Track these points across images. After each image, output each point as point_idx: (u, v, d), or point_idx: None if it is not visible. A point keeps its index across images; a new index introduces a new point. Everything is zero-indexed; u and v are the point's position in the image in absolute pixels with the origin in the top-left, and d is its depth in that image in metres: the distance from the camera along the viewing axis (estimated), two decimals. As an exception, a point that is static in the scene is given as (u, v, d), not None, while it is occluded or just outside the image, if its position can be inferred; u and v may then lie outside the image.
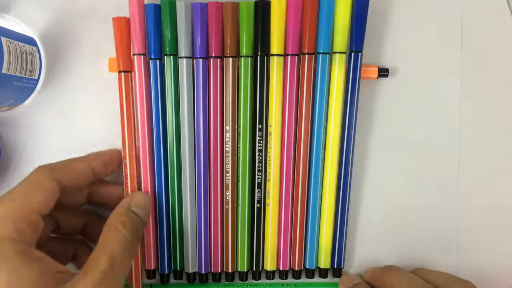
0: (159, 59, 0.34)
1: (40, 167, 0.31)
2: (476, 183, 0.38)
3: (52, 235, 0.34)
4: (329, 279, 0.38)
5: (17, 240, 0.27)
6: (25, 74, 0.33)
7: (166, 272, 0.37)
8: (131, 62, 0.35)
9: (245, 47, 0.34)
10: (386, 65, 0.37)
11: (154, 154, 0.35)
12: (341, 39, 0.34)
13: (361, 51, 0.35)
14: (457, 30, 0.37)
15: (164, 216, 0.36)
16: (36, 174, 0.30)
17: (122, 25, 0.34)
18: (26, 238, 0.28)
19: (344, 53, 0.34)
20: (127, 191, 0.35)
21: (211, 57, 0.34)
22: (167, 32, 0.34)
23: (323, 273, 0.37)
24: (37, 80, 0.36)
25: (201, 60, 0.34)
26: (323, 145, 0.35)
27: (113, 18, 0.34)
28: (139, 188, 0.36)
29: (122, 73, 0.35)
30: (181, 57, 0.34)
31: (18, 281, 0.26)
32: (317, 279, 0.38)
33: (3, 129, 0.37)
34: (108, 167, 0.35)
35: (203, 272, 0.37)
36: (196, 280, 0.37)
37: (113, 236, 0.30)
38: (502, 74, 0.38)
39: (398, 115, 0.38)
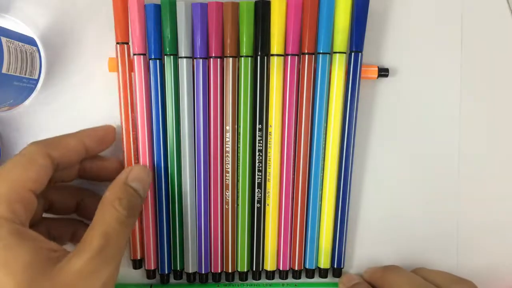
0: (159, 59, 0.34)
1: (33, 143, 0.30)
2: (476, 183, 0.38)
3: (45, 215, 0.34)
4: (329, 279, 0.38)
5: (11, 220, 0.27)
6: (25, 74, 0.33)
7: (166, 272, 0.37)
8: (127, 34, 0.34)
9: (245, 47, 0.34)
10: (386, 65, 0.37)
11: (154, 153, 0.35)
12: (341, 39, 0.34)
13: (361, 51, 0.35)
14: (457, 30, 0.37)
15: (164, 216, 0.36)
16: (29, 151, 0.30)
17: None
18: (20, 217, 0.28)
19: (344, 53, 0.34)
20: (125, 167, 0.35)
21: (211, 57, 0.34)
22: (167, 32, 0.34)
23: (323, 273, 0.37)
24: (37, 80, 0.36)
25: (201, 60, 0.34)
26: (323, 145, 0.35)
27: None
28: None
29: (118, 45, 0.34)
30: (181, 57, 0.34)
31: (14, 260, 0.26)
32: (317, 279, 0.38)
33: (3, 129, 0.37)
34: (101, 143, 0.34)
35: (203, 272, 0.37)
36: (196, 280, 0.37)
37: (108, 212, 0.29)
38: (502, 74, 0.38)
39: (398, 115, 0.38)
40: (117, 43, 0.34)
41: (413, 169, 0.38)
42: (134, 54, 0.34)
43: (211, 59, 0.34)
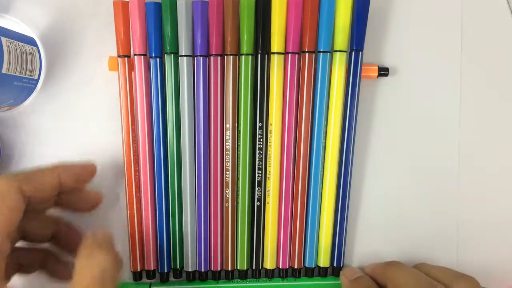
0: (159, 57, 0.34)
1: (4, 178, 0.29)
2: (476, 182, 0.38)
3: (18, 244, 0.33)
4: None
5: None
6: (25, 74, 0.33)
7: (166, 271, 0.36)
8: (129, 46, 0.35)
9: (246, 45, 0.34)
10: (386, 64, 0.37)
11: (154, 152, 0.35)
12: (341, 38, 0.34)
13: (361, 50, 0.35)
14: (457, 30, 0.37)
15: (163, 215, 0.36)
16: (0, 187, 0.28)
17: (120, 9, 0.34)
18: None
19: (345, 51, 0.34)
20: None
21: (211, 55, 0.34)
22: (167, 31, 0.34)
23: (323, 271, 0.37)
24: (37, 80, 0.36)
25: (201, 58, 0.34)
26: (323, 144, 0.35)
27: (113, 2, 0.34)
28: (139, 190, 0.36)
29: (119, 58, 0.35)
30: (181, 56, 0.34)
31: None
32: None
33: (3, 129, 0.37)
34: (78, 180, 0.32)
35: (202, 270, 0.37)
36: (196, 278, 0.37)
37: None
38: (502, 74, 0.38)
39: (398, 115, 0.38)
40: (119, 56, 0.34)
41: (413, 169, 0.38)
42: (134, 54, 0.34)
43: (212, 57, 0.34)
